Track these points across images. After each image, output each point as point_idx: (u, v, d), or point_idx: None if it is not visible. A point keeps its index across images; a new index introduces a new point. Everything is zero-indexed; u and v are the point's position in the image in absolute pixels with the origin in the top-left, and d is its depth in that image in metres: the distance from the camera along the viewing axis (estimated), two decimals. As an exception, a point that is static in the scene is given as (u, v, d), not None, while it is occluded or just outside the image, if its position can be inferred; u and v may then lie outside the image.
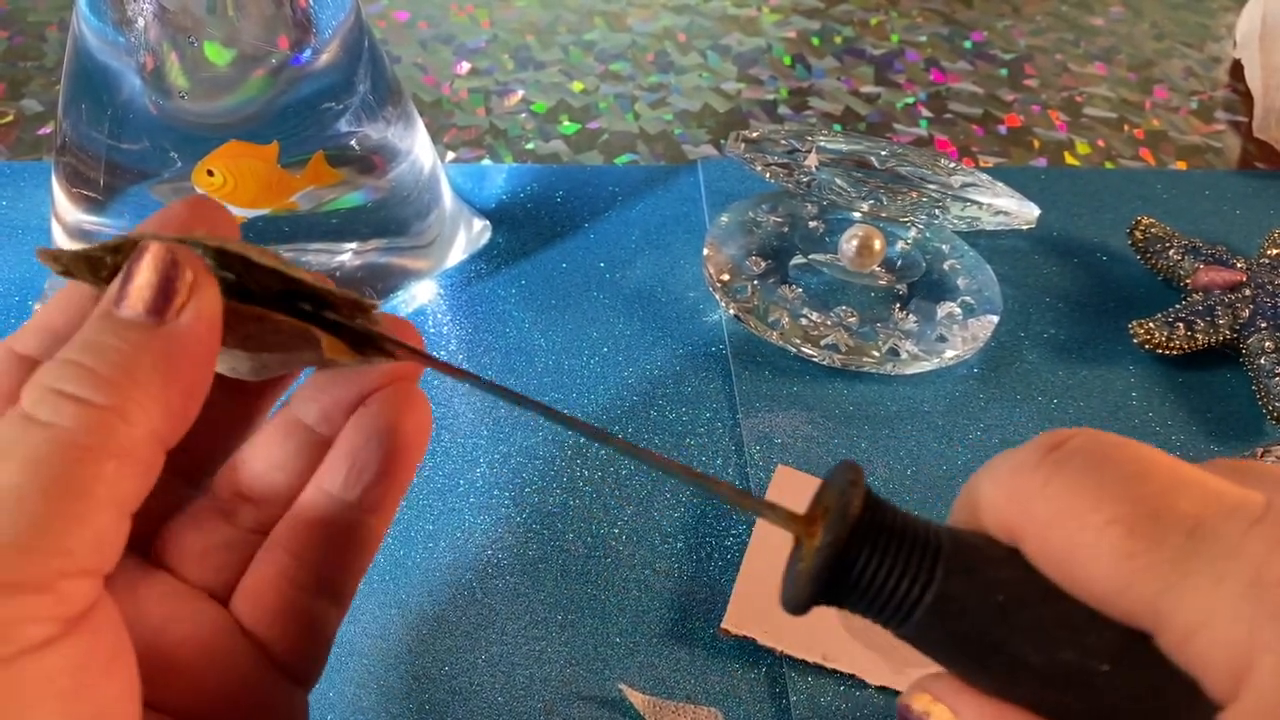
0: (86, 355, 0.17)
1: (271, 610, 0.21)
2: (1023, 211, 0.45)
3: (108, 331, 0.17)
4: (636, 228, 0.49)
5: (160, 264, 0.18)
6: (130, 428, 0.17)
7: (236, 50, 0.37)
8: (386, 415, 0.21)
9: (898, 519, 0.17)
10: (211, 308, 0.18)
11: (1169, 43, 0.67)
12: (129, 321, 0.17)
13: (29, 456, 0.16)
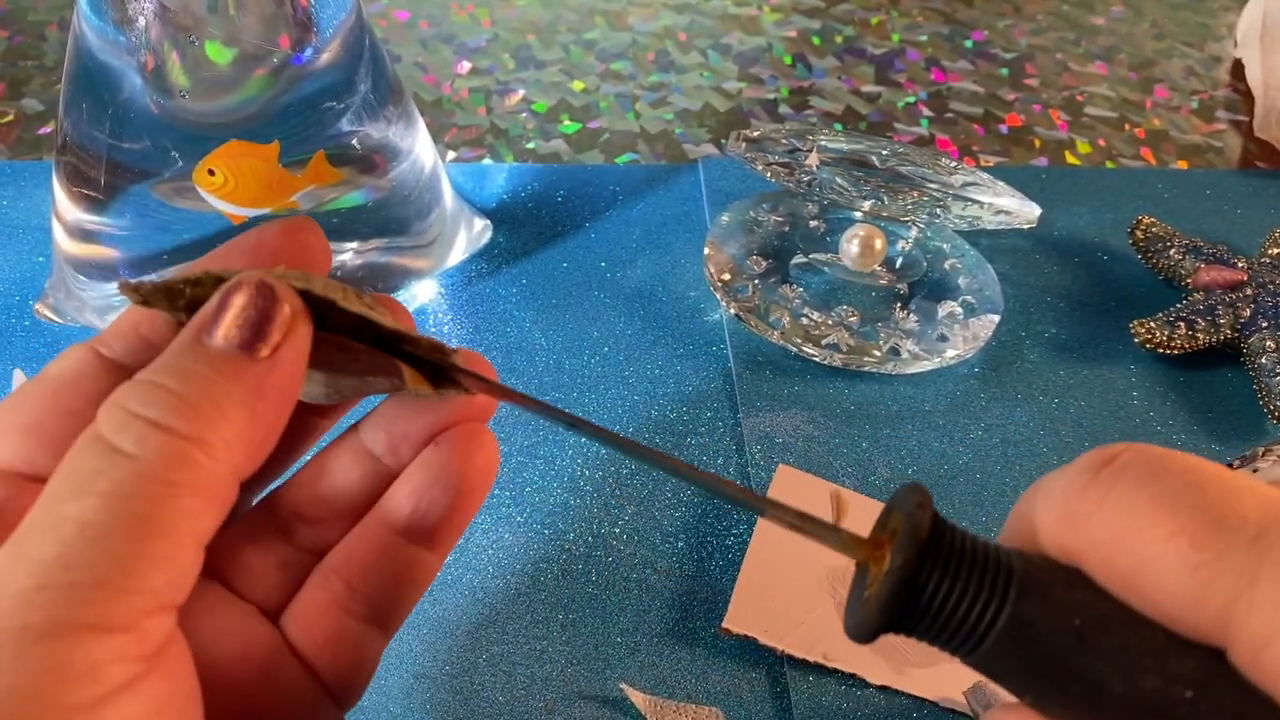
0: (172, 379, 0.17)
1: (322, 635, 0.21)
2: (1024, 211, 0.45)
3: (198, 359, 0.17)
4: (637, 227, 0.49)
5: (259, 299, 0.17)
6: (213, 463, 0.16)
7: (238, 49, 0.37)
8: (456, 456, 0.21)
9: (967, 541, 0.16)
10: (304, 346, 0.18)
11: (1170, 42, 0.67)
12: (219, 352, 0.17)
13: (113, 491, 0.15)
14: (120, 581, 0.15)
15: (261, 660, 0.20)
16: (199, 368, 0.17)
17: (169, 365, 0.17)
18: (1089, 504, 0.16)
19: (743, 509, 0.18)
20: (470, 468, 0.21)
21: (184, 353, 0.17)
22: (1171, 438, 0.42)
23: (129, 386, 0.17)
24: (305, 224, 0.21)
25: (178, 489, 0.16)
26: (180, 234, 0.39)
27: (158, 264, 0.40)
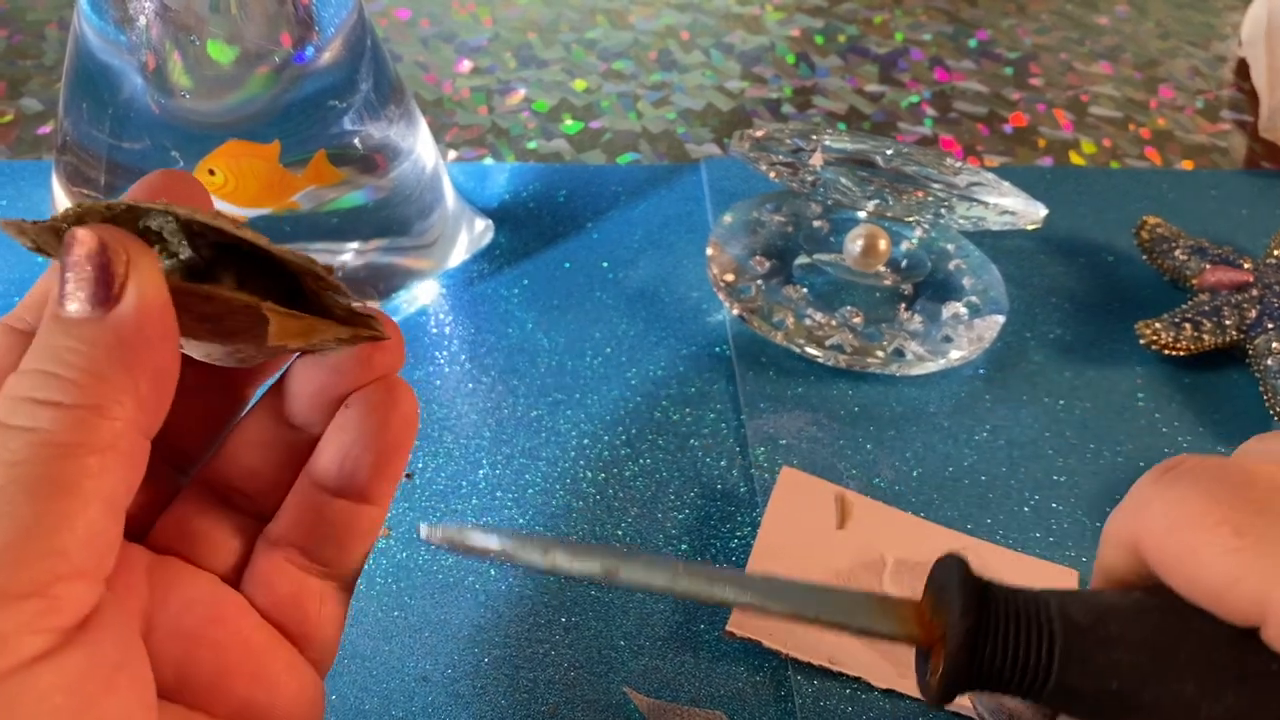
0: (47, 361, 0.17)
1: (285, 595, 0.21)
2: (1029, 211, 0.45)
3: (59, 333, 0.17)
4: (639, 227, 0.49)
5: (90, 251, 0.17)
6: (107, 421, 0.16)
7: (239, 48, 0.36)
8: (373, 413, 0.21)
9: (1011, 607, 0.18)
10: (153, 286, 0.17)
11: (1174, 42, 0.66)
12: (76, 319, 0.17)
13: (8, 459, 0.16)
14: (24, 545, 0.15)
15: (233, 624, 0.20)
16: (63, 340, 0.17)
17: (41, 346, 0.17)
18: (1151, 500, 0.18)
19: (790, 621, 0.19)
20: (389, 420, 0.21)
21: (50, 329, 0.17)
22: (1177, 439, 0.41)
23: (14, 378, 0.17)
24: (182, 174, 0.21)
25: (75, 449, 0.16)
26: (180, 234, 0.39)
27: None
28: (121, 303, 0.17)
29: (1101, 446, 0.41)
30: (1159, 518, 0.18)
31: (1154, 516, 0.18)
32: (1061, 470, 0.40)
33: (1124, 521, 0.19)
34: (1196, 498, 0.17)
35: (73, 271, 0.17)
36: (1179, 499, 0.18)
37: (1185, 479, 0.18)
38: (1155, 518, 0.18)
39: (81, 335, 0.17)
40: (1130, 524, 0.19)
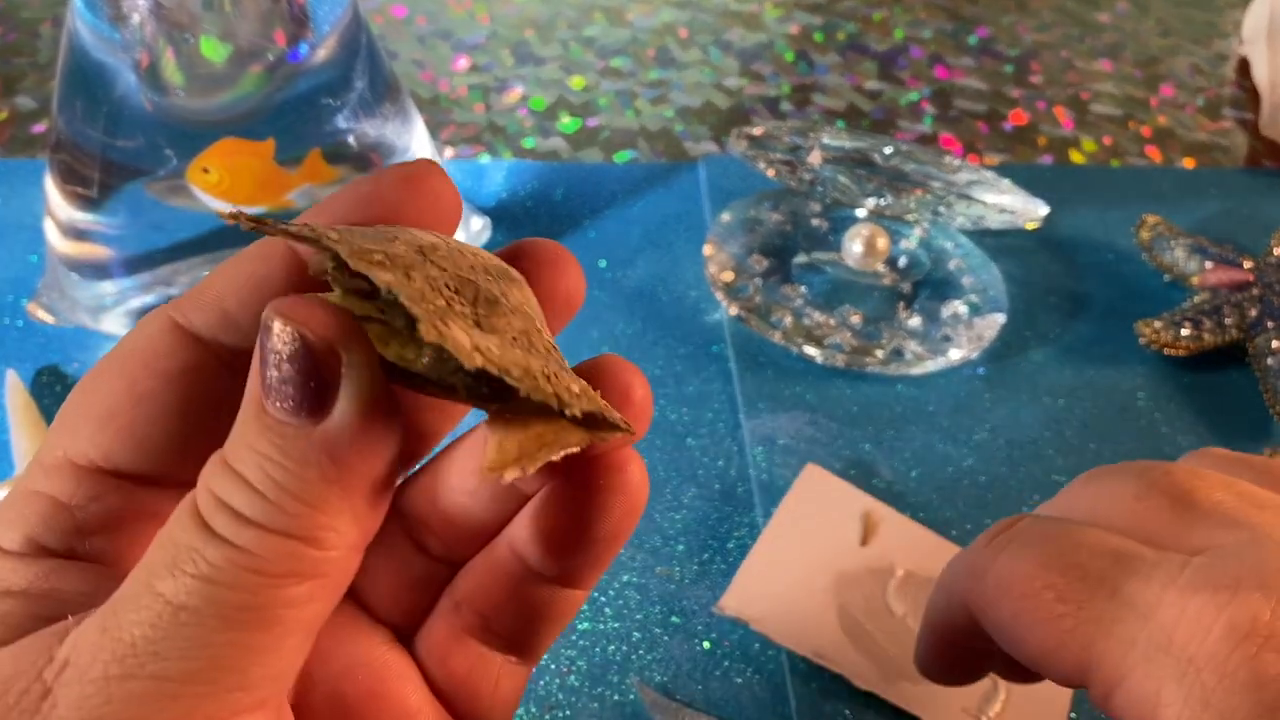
0: (251, 469, 0.14)
1: (459, 672, 0.19)
2: (1029, 209, 0.44)
3: (263, 436, 0.14)
4: (637, 226, 0.49)
5: (292, 353, 0.14)
6: (320, 551, 0.14)
7: (232, 46, 0.36)
8: (595, 496, 0.17)
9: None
10: (370, 391, 0.14)
11: (1175, 39, 0.66)
12: (282, 426, 0.14)
13: (209, 575, 0.14)
14: (213, 676, 0.14)
15: (397, 700, 0.18)
16: (270, 450, 0.14)
17: (245, 446, 0.14)
18: (984, 562, 0.19)
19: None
20: (611, 512, 0.17)
21: (253, 427, 0.14)
22: (1177, 439, 0.41)
23: (215, 468, 0.15)
24: (427, 169, 0.17)
25: (282, 580, 0.14)
26: (174, 233, 0.39)
27: (152, 263, 0.39)
28: (334, 415, 0.14)
29: (1101, 446, 0.41)
30: (990, 580, 0.18)
31: (985, 579, 0.18)
32: (1061, 470, 0.40)
33: (958, 580, 0.20)
34: (1023, 562, 0.18)
35: (272, 368, 0.14)
36: (1008, 563, 0.18)
37: (1015, 542, 0.18)
38: (986, 580, 0.18)
39: (288, 450, 0.14)
40: (964, 584, 0.19)
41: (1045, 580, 0.17)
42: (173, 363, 0.16)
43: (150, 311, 0.17)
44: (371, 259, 0.14)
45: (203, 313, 0.17)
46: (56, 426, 0.17)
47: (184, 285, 0.40)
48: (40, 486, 0.16)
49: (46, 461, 0.16)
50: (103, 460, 0.16)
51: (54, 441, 0.17)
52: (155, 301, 0.40)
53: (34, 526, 0.16)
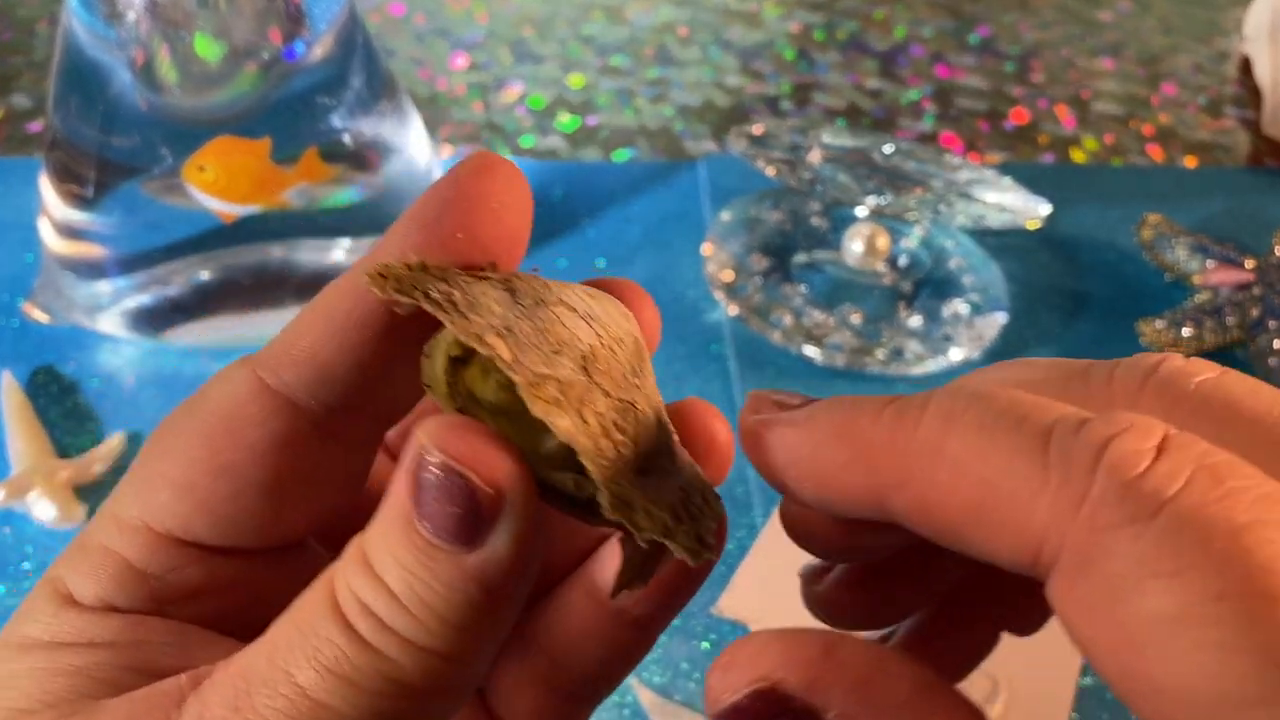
0: (395, 579, 0.14)
1: (526, 712, 0.19)
2: (1030, 208, 0.44)
3: (411, 553, 0.14)
4: (636, 225, 0.48)
5: (453, 490, 0.14)
6: (464, 669, 0.14)
7: (228, 44, 0.36)
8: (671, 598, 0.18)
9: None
10: (528, 528, 0.14)
11: (1177, 38, 0.66)
12: (433, 549, 0.14)
13: (350, 677, 0.14)
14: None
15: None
16: (418, 568, 0.14)
17: (390, 557, 0.14)
18: (925, 436, 0.14)
19: None
20: (682, 594, 0.18)
21: (399, 539, 0.14)
22: (1180, 440, 0.41)
23: (357, 567, 0.14)
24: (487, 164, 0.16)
25: (424, 695, 0.14)
26: (170, 231, 0.39)
27: (148, 262, 0.39)
28: (489, 547, 0.14)
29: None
30: (942, 460, 0.13)
31: (929, 458, 0.13)
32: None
33: (876, 462, 0.14)
34: (982, 437, 0.13)
35: (431, 495, 0.14)
36: (962, 438, 0.13)
37: (961, 414, 0.14)
38: (936, 460, 0.13)
39: (438, 573, 0.14)
40: (890, 467, 0.14)
41: (1017, 457, 0.13)
42: (261, 433, 0.16)
43: (233, 363, 0.16)
44: (546, 393, 0.14)
45: (295, 369, 0.16)
46: (133, 479, 0.16)
47: (180, 285, 0.39)
48: (115, 545, 0.16)
49: (122, 518, 0.16)
50: (180, 531, 0.16)
51: (129, 500, 0.16)
52: (151, 301, 0.39)
53: (109, 587, 0.16)
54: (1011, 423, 0.13)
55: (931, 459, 0.13)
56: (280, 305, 0.40)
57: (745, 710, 0.14)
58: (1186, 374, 0.14)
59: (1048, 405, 0.13)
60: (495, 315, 0.14)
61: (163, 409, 0.39)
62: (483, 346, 0.14)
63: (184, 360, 0.41)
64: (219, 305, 0.40)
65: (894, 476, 0.14)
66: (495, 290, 0.15)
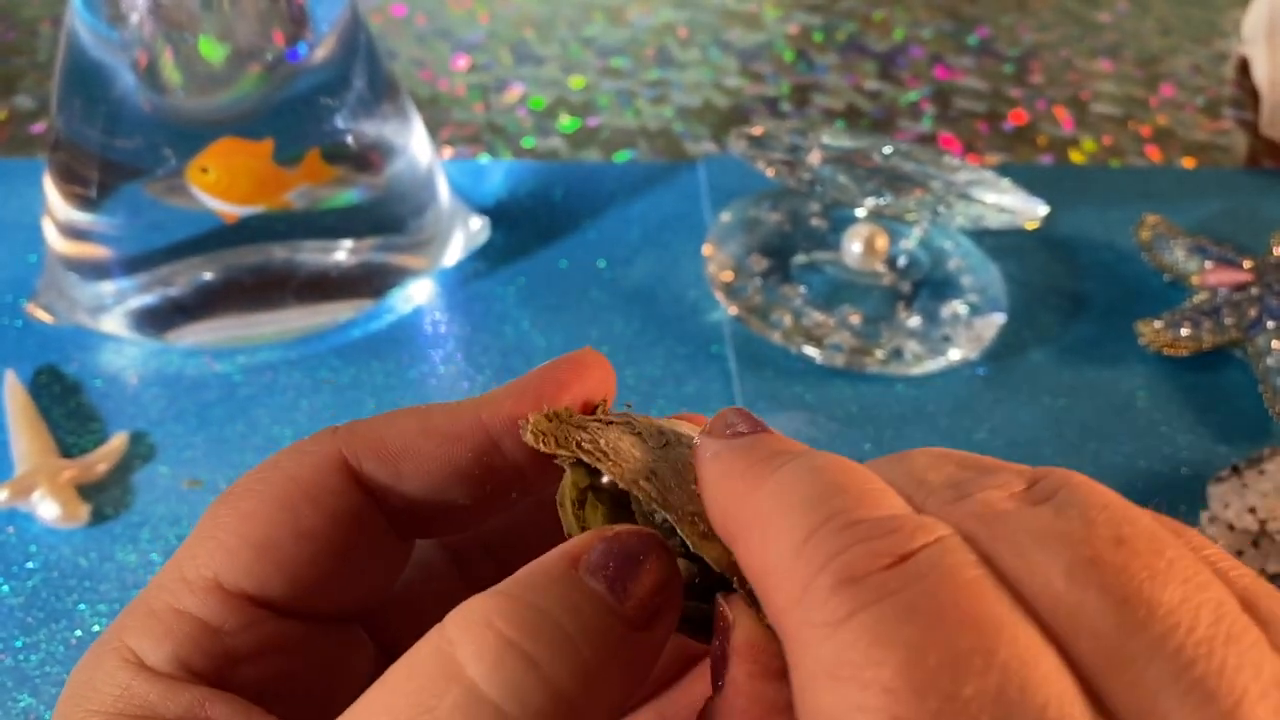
0: (561, 610, 0.14)
1: None
2: (1029, 209, 0.44)
3: (583, 606, 0.14)
4: (636, 226, 0.49)
5: (662, 580, 0.15)
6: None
7: (231, 46, 0.36)
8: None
9: None
10: (675, 619, 0.16)
11: (1175, 39, 0.66)
12: (608, 607, 0.14)
13: (511, 702, 0.13)
14: None
15: None
16: (588, 617, 0.14)
17: (552, 594, 0.14)
18: (754, 487, 0.15)
19: None
20: None
21: (564, 589, 0.14)
22: (1177, 439, 0.41)
23: (500, 603, 0.14)
24: (594, 359, 0.19)
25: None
26: (173, 232, 0.39)
27: (151, 263, 0.39)
28: (653, 626, 0.15)
29: (1101, 447, 0.41)
30: (760, 498, 0.14)
31: (755, 493, 0.15)
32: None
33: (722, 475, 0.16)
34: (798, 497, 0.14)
35: (637, 577, 0.15)
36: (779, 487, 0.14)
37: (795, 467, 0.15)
38: (756, 496, 0.15)
39: (605, 630, 0.14)
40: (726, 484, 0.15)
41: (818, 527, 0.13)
42: (340, 503, 0.17)
43: (314, 437, 0.18)
44: (699, 529, 0.16)
45: (378, 464, 0.17)
46: (202, 541, 0.17)
47: (183, 285, 0.40)
48: (187, 606, 0.16)
49: (191, 578, 0.16)
50: (256, 590, 0.16)
51: (202, 559, 0.16)
52: (154, 301, 0.40)
53: (184, 647, 0.16)
54: (807, 504, 0.13)
55: (750, 520, 0.14)
56: (282, 306, 0.41)
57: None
58: (992, 502, 0.14)
59: (855, 497, 0.13)
60: (636, 459, 0.17)
61: (166, 409, 0.39)
62: (638, 490, 0.16)
63: (187, 360, 0.41)
64: (222, 306, 0.40)
65: (734, 530, 0.15)
66: (625, 435, 0.18)
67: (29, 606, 0.33)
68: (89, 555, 0.35)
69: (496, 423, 0.18)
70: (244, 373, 0.40)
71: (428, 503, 0.18)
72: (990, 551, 0.13)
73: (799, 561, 0.13)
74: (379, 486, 0.17)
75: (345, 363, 0.41)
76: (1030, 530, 0.13)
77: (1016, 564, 0.12)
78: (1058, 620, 0.12)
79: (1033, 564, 0.12)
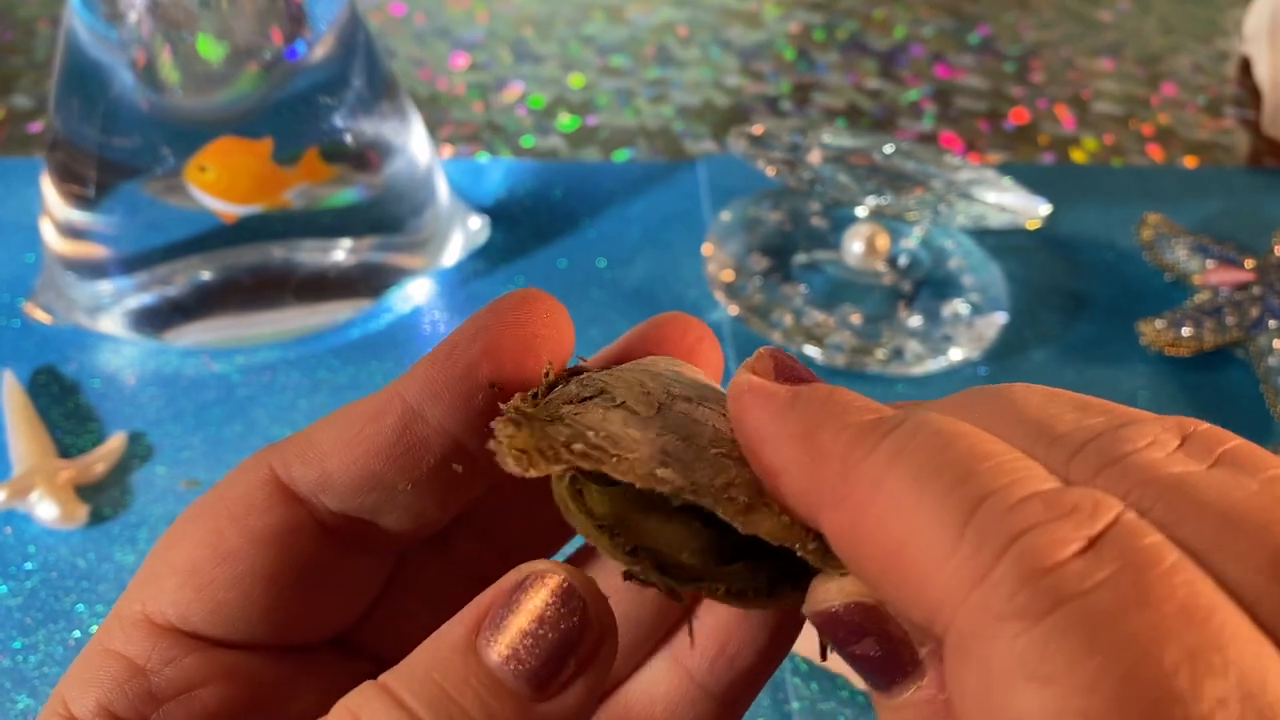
0: (435, 713, 0.13)
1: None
2: (1030, 208, 0.44)
3: (468, 679, 0.13)
4: (636, 225, 0.48)
5: (564, 611, 0.13)
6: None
7: (229, 45, 0.36)
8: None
9: None
10: (601, 685, 0.14)
11: (1177, 38, 0.66)
12: (498, 684, 0.13)
13: None
14: None
15: None
16: (469, 700, 0.13)
17: (430, 678, 0.13)
18: (857, 455, 0.13)
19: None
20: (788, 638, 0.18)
21: (451, 664, 0.13)
22: (1179, 440, 0.41)
23: (383, 697, 0.13)
24: (535, 296, 0.18)
25: None
26: (171, 232, 0.39)
27: (149, 262, 0.39)
28: (561, 698, 0.14)
29: (1103, 447, 0.40)
30: (875, 498, 0.13)
31: (860, 490, 0.13)
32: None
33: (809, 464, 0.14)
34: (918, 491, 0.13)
35: (524, 619, 0.13)
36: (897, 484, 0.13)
37: (908, 453, 0.13)
38: (864, 494, 0.13)
39: (496, 710, 0.13)
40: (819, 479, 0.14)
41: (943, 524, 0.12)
42: (264, 521, 0.16)
43: (256, 454, 0.17)
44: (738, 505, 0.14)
45: (305, 468, 0.16)
46: (142, 574, 0.16)
47: (181, 285, 0.39)
48: (116, 645, 0.16)
49: (124, 615, 0.16)
50: (179, 621, 0.16)
51: (135, 592, 0.16)
52: (152, 301, 0.40)
53: (107, 691, 0.15)
54: (951, 480, 0.12)
55: (867, 493, 0.13)
56: (281, 305, 0.41)
57: (842, 621, 0.13)
58: (1158, 465, 0.12)
59: (999, 468, 0.12)
60: (638, 441, 0.15)
61: (164, 409, 0.39)
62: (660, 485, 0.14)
63: (185, 360, 0.41)
64: (220, 305, 0.40)
65: (831, 496, 0.13)
66: (610, 410, 0.15)
67: (27, 607, 0.33)
68: (87, 556, 0.35)
69: (413, 391, 0.16)
70: (242, 373, 0.40)
71: (366, 498, 0.16)
72: (1173, 526, 0.11)
73: (964, 545, 0.11)
74: (310, 492, 0.16)
75: (344, 363, 0.41)
76: (1218, 508, 0.12)
77: (1209, 544, 0.11)
78: (1262, 610, 0.11)
79: (1230, 549, 0.11)
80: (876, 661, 0.13)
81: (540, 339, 0.17)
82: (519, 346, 0.17)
